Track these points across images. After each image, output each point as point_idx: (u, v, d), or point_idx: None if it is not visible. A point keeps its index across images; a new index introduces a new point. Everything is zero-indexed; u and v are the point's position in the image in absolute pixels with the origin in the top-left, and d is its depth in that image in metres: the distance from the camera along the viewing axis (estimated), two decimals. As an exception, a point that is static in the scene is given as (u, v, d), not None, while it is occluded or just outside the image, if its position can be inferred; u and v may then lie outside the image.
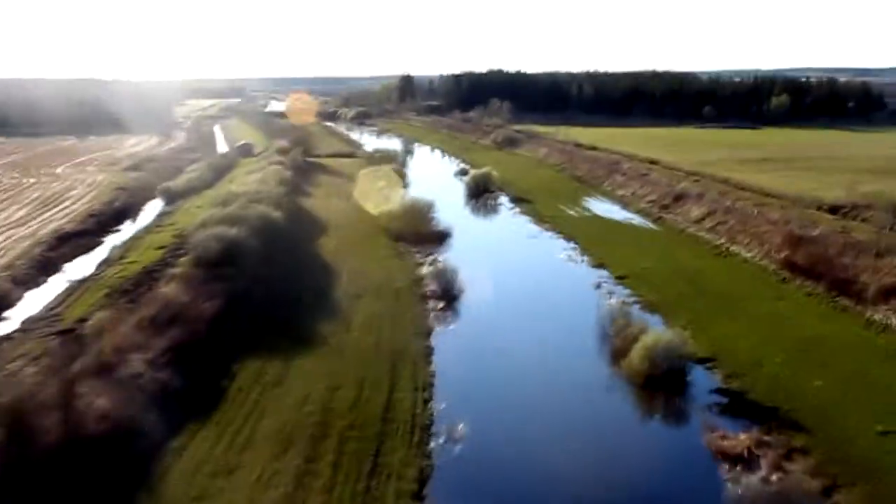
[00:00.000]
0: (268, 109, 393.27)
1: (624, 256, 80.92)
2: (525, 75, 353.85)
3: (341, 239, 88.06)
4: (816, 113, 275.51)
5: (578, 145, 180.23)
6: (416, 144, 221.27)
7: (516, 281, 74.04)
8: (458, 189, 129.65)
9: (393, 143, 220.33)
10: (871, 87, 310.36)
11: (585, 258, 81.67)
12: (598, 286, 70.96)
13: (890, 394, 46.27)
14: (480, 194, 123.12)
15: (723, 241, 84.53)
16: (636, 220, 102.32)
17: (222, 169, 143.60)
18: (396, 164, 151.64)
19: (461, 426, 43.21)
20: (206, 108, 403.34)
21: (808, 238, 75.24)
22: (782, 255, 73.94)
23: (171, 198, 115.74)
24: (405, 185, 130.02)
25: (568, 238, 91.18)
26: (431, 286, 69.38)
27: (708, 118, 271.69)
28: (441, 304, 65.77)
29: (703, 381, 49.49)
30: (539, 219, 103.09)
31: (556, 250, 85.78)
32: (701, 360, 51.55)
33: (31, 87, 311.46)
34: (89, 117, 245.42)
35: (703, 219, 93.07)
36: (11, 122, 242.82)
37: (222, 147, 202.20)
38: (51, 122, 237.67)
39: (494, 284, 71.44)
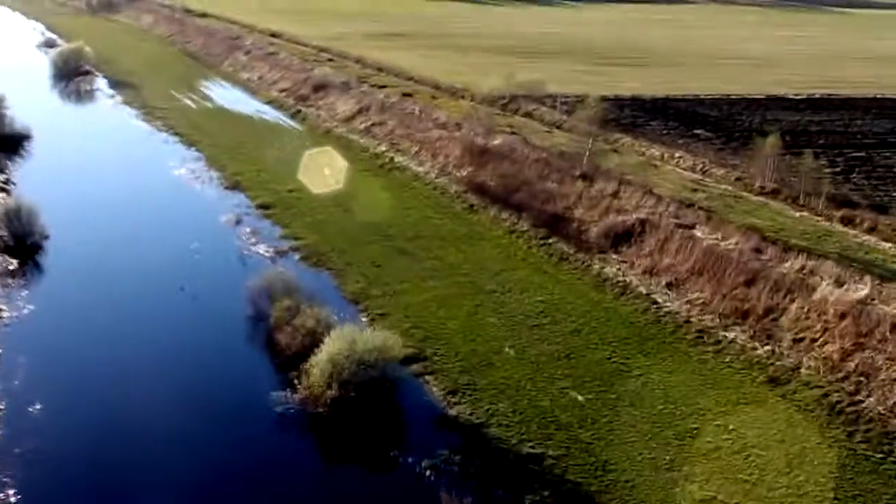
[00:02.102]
0: None
1: (264, 172, 63.00)
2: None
3: None
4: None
5: (189, 12, 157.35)
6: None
7: (123, 217, 53.37)
8: (43, 68, 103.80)
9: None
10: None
11: (214, 174, 62.61)
12: (238, 222, 52.59)
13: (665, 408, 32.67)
14: (71, 76, 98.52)
15: (384, 149, 68.48)
16: (270, 114, 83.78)
17: None
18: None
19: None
20: None
21: (494, 151, 61.15)
22: (465, 172, 59.39)
23: None
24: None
25: (188, 142, 71.38)
26: (2, 227, 48.16)
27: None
28: (13, 263, 45.13)
29: (416, 403, 33.40)
30: (149, 112, 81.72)
31: (175, 161, 65.75)
32: (404, 361, 35.29)
33: None
34: None
35: (353, 117, 76.46)
36: None
37: None
38: None
39: (91, 225, 51.71)
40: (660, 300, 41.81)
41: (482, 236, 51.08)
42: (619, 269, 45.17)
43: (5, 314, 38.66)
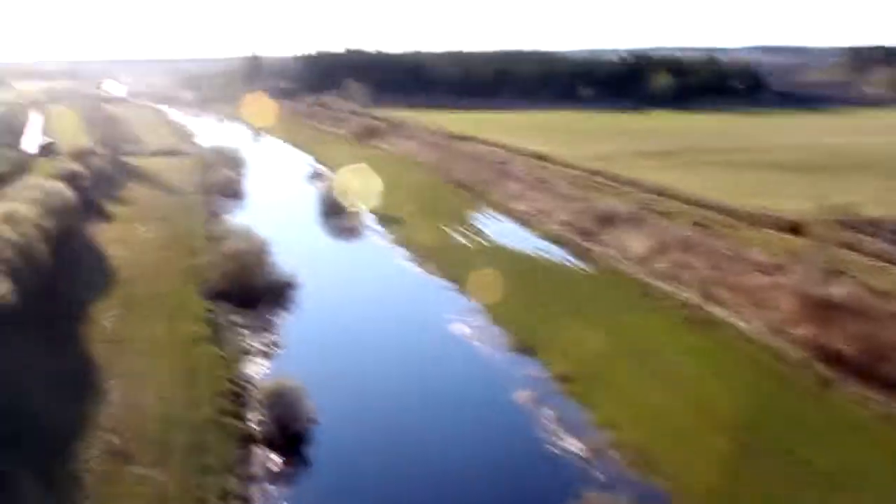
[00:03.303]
0: (104, 93, 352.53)
1: (555, 328, 53.94)
2: (386, 55, 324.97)
3: (130, 302, 58.36)
4: (700, 94, 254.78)
5: (451, 136, 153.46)
6: (262, 134, 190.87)
7: (397, 391, 45.50)
8: (309, 202, 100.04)
9: (234, 133, 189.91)
10: (752, 66, 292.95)
11: (498, 331, 54.15)
12: (535, 401, 43.41)
13: None
14: (337, 212, 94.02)
15: (694, 297, 58.04)
16: (550, 252, 74.97)
17: (5, 176, 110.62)
18: (233, 166, 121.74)
19: None
20: (29, 92, 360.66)
21: (837, 302, 49.69)
22: (803, 331, 48.15)
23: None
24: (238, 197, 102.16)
25: (464, 289, 63.64)
26: (261, 416, 41.09)
27: (585, 100, 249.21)
28: (276, 462, 37.71)
29: None
30: (418, 252, 74.93)
31: (452, 313, 57.75)
32: None
33: None
34: None
35: (650, 255, 66.49)
36: None
37: (35, 141, 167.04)
38: None
39: (362, 402, 44.09)
40: None
41: (850, 425, 39.55)
42: None
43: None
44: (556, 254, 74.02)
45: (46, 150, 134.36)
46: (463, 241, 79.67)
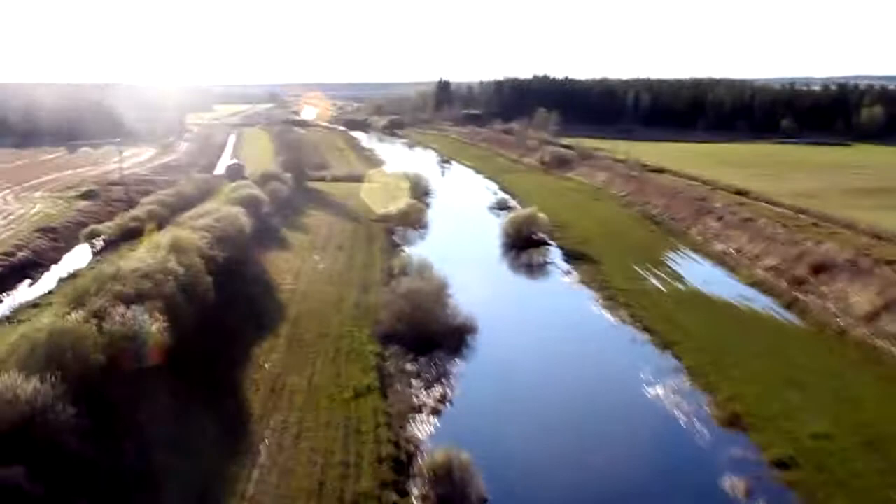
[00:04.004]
0: (296, 117, 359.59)
1: (769, 397, 46.40)
2: (574, 82, 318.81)
3: (296, 342, 54.48)
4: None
5: (645, 167, 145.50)
6: (450, 161, 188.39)
7: (584, 468, 39.38)
8: (492, 234, 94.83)
9: (422, 159, 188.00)
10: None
11: (701, 398, 46.97)
12: (747, 494, 36.41)
13: None
14: (523, 246, 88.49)
15: (934, 366, 49.62)
16: (758, 301, 66.88)
17: (192, 200, 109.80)
18: (418, 194, 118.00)
19: None
20: (228, 115, 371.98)
21: None
22: None
23: (98, 245, 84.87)
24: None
25: (661, 343, 56.68)
26: (425, 491, 35.80)
27: (787, 132, 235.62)
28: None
29: None
30: (610, 296, 68.28)
31: (647, 373, 50.95)
32: None
33: (32, 91, 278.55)
34: (91, 125, 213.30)
35: (877, 313, 57.89)
36: (7, 129, 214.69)
37: (223, 164, 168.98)
38: (51, 131, 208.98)
39: (540, 484, 38.01)
40: None
41: None
42: None
43: None
44: (763, 303, 66.06)
45: (232, 173, 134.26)
46: (658, 283, 72.49)
